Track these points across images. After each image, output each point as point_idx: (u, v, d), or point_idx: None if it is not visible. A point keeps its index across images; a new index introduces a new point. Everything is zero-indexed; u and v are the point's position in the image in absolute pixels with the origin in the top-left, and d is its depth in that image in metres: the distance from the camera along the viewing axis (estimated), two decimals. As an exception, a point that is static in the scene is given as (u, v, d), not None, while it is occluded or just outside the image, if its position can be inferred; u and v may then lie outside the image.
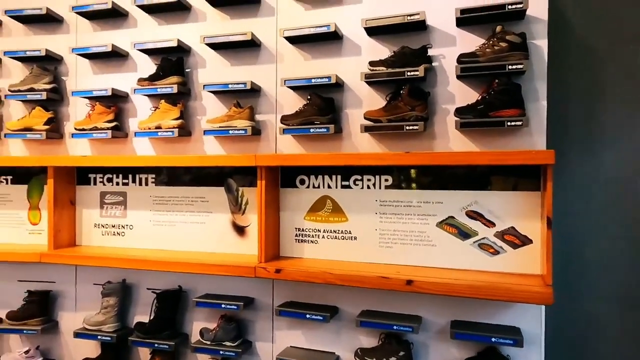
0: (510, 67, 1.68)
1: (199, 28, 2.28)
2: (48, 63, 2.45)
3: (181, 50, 2.27)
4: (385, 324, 1.87)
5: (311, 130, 1.98)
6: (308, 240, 2.13)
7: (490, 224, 1.86)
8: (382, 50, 2.01)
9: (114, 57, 2.39)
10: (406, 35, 1.95)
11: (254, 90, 2.16)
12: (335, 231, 2.09)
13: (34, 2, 2.41)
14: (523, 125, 1.68)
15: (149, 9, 2.31)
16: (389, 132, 1.93)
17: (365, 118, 1.92)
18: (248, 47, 2.19)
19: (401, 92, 1.86)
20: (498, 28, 1.76)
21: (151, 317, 2.25)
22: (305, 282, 1.97)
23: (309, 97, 2.03)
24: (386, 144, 2.00)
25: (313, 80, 1.97)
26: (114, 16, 2.39)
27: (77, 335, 2.31)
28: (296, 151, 2.14)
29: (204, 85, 2.16)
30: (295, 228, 2.15)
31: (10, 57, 2.44)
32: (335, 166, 2.05)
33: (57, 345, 2.48)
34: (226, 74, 2.25)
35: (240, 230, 2.24)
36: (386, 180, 2.01)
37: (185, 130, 2.24)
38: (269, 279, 2.12)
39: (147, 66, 2.36)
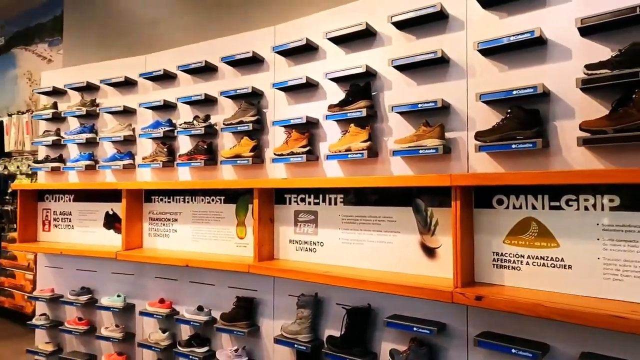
0: None
1: (385, 52, 2.34)
2: (253, 98, 2.82)
3: (368, 75, 2.36)
4: (619, 373, 1.57)
5: (513, 146, 1.82)
6: (509, 267, 1.95)
7: None
8: (598, 52, 1.75)
9: (306, 88, 2.62)
10: (629, 31, 1.66)
11: (444, 108, 2.11)
12: (542, 258, 1.86)
13: (243, 47, 2.81)
14: None
15: (337, 40, 2.47)
16: (615, 145, 1.64)
17: (582, 129, 1.68)
18: (436, 65, 2.16)
19: (633, 96, 1.58)
20: None
21: (342, 332, 2.34)
22: (506, 313, 1.79)
23: (509, 110, 1.88)
24: (609, 158, 1.71)
25: (515, 92, 1.82)
26: (306, 51, 2.63)
27: (277, 341, 2.54)
28: (491, 169, 2.00)
29: (392, 107, 2.19)
30: (493, 252, 1.99)
31: (225, 97, 2.88)
32: (541, 185, 1.84)
33: (259, 348, 2.77)
34: (412, 94, 2.25)
35: (429, 251, 2.18)
36: (611, 200, 1.71)
37: (372, 152, 2.31)
38: (462, 305, 1.99)
39: (336, 93, 2.52)
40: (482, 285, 1.97)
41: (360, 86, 2.34)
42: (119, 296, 3.28)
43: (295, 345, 2.47)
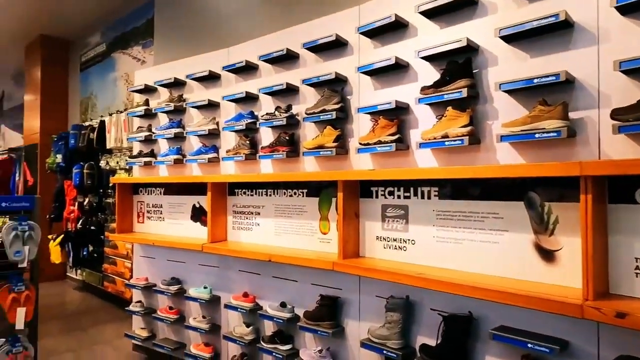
0: None
1: (490, 22, 2.03)
2: (336, 85, 2.65)
3: (469, 51, 2.06)
4: None
5: (669, 124, 1.43)
6: (659, 277, 1.55)
7: None
8: None
9: (395, 70, 2.38)
10: None
11: (566, 83, 1.75)
12: None
13: (325, 32, 2.65)
14: None
15: (431, 14, 2.20)
16: None
17: None
18: (555, 32, 1.80)
19: None
20: None
21: (438, 341, 2.09)
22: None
23: (662, 80, 1.49)
24: None
25: (672, 56, 1.43)
26: (395, 29, 2.39)
27: (364, 345, 2.36)
28: (632, 154, 1.61)
29: (499, 85, 1.88)
30: (636, 258, 1.60)
31: (307, 85, 2.75)
32: None
33: (343, 350, 2.61)
34: (523, 69, 1.91)
35: (546, 254, 1.84)
36: None
37: (474, 138, 2.01)
38: (591, 321, 1.64)
39: (429, 74, 2.25)
40: (620, 299, 1.60)
41: (459, 63, 2.05)
42: (205, 288, 3.33)
43: (384, 352, 2.26)
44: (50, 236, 6.03)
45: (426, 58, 2.20)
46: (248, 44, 3.23)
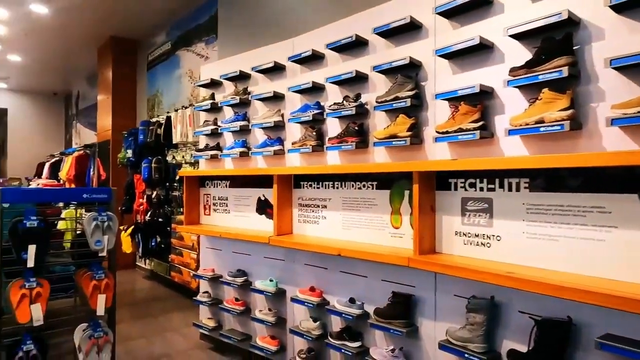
0: None
1: (595, -10, 1.79)
2: (410, 70, 2.50)
3: (569, 24, 1.84)
4: None
5: None
6: None
7: None
8: None
9: (476, 51, 2.19)
10: None
11: (697, 55, 1.49)
12: None
13: (396, 15, 2.51)
14: None
15: (521, -13, 1.99)
16: None
17: None
18: (682, -4, 1.55)
19: None
20: None
21: (530, 347, 1.90)
22: None
23: None
24: None
25: None
26: (477, 6, 2.20)
27: (442, 347, 2.21)
28: None
29: (610, 61, 1.65)
30: None
31: (377, 72, 2.62)
32: None
33: (418, 351, 2.48)
34: (637, 42, 1.67)
35: (667, 255, 1.60)
36: None
37: (575, 123, 1.79)
38: None
39: (517, 54, 2.05)
40: None
41: (557, 40, 1.83)
42: (271, 281, 3.32)
43: (466, 355, 2.10)
44: (121, 227, 6.37)
45: (516, 36, 2.00)
46: (314, 33, 3.15)
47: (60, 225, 3.97)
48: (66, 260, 3.32)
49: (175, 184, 5.80)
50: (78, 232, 3.91)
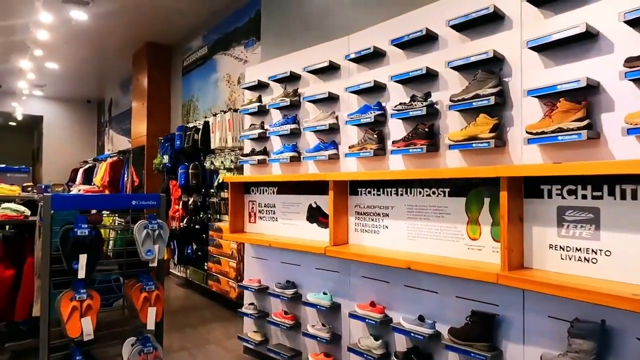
0: None
1: None
2: (492, 65, 2.27)
3: None
4: None
5: None
6: None
7: None
8: None
9: (577, 42, 1.95)
10: None
11: None
12: None
13: (472, 5, 2.28)
14: None
15: (638, -34, 1.74)
16: None
17: None
18: None
19: None
20: None
21: (658, 384, 1.62)
22: None
23: None
24: None
25: None
26: (578, -9, 1.95)
27: (538, 376, 1.95)
28: None
29: None
30: None
31: (452, 68, 2.39)
32: None
33: (502, 378, 2.21)
34: None
35: None
36: None
37: None
38: None
39: (630, 44, 1.79)
40: None
41: (691, 23, 1.58)
42: (325, 294, 3.11)
43: (570, 387, 1.83)
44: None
45: (631, 22, 1.74)
46: (372, 29, 2.95)
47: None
48: (112, 267, 3.19)
49: (211, 190, 5.67)
50: (111, 239, 3.80)
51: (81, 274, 2.42)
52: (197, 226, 5.76)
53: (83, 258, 2.43)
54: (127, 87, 9.98)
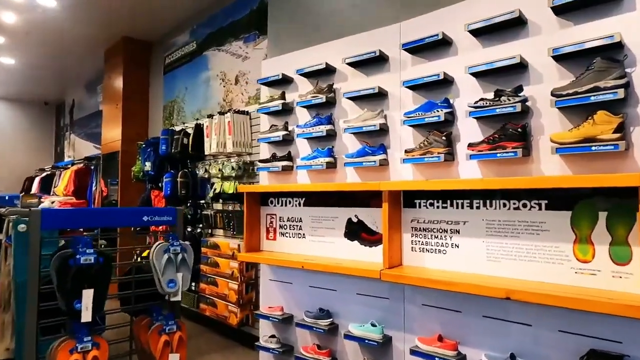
0: None
1: None
2: (613, 53, 1.89)
3: None
4: None
5: None
6: None
7: None
8: None
9: None
10: None
11: None
12: None
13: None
14: None
15: None
16: None
17: None
18: None
19: None
20: None
21: None
22: None
23: None
24: None
25: None
26: None
27: None
28: None
29: None
30: None
31: (554, 56, 2.00)
32: None
33: None
34: None
35: None
36: None
37: None
38: None
39: None
40: None
41: None
42: (373, 325, 2.61)
43: None
44: (135, 251, 5.53)
45: None
46: (433, 14, 2.53)
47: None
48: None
49: (203, 202, 5.04)
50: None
51: (86, 317, 1.80)
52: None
53: (88, 295, 1.81)
54: (93, 87, 9.08)
